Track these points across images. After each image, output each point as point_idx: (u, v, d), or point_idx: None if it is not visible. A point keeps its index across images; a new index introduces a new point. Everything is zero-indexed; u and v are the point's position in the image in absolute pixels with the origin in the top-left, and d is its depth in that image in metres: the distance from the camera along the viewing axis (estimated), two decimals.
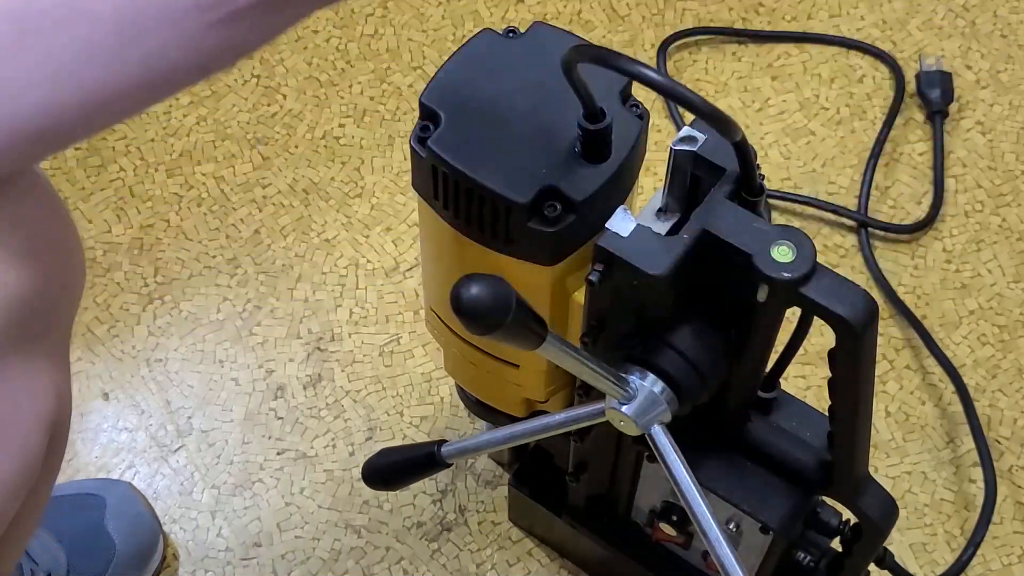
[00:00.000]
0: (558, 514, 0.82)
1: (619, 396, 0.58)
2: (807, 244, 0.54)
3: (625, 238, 0.56)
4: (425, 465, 0.69)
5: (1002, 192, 1.03)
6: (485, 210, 0.58)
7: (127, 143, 1.06)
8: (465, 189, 0.58)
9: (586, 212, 0.58)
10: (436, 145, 0.59)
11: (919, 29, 1.12)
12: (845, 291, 0.54)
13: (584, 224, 0.58)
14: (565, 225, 0.58)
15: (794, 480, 0.66)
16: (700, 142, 0.58)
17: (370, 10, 1.13)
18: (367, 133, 1.06)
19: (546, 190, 0.57)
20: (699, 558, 0.76)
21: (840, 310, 0.53)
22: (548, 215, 0.58)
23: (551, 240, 0.58)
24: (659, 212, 0.59)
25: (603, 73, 0.54)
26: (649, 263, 0.55)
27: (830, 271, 0.55)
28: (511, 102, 0.60)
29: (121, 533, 0.84)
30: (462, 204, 0.59)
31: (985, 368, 0.95)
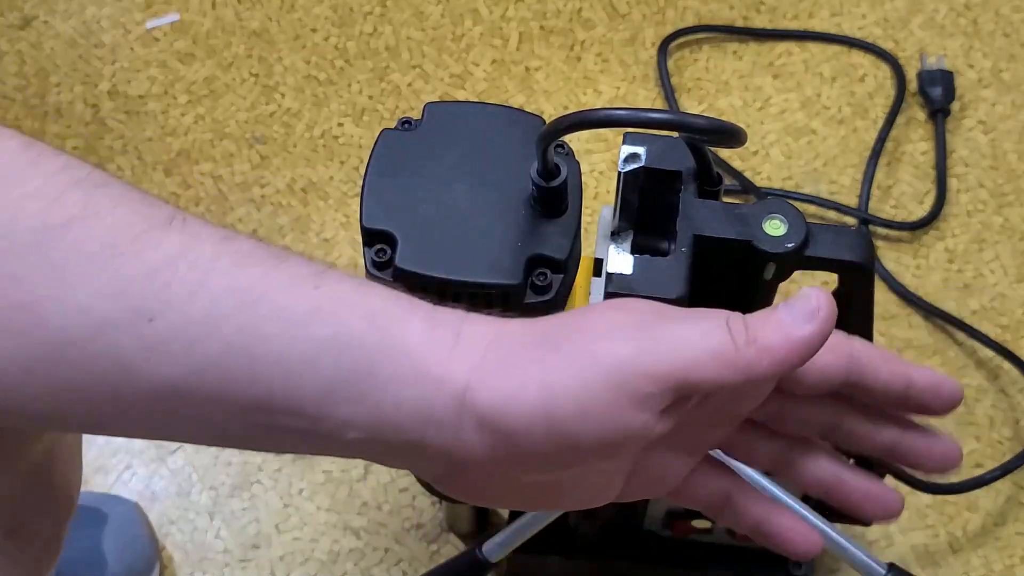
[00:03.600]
0: (569, 557, 0.81)
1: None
2: (792, 210, 0.56)
3: (632, 275, 0.56)
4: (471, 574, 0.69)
5: (1004, 192, 1.03)
6: (478, 307, 0.58)
7: (124, 142, 1.05)
8: (452, 295, 0.57)
9: (569, 266, 0.58)
10: (406, 264, 0.57)
11: (921, 28, 1.11)
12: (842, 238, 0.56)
13: (568, 278, 0.59)
14: (557, 287, 0.58)
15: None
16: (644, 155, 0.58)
17: (369, 8, 1.12)
18: (366, 132, 1.06)
19: (531, 260, 0.57)
20: (725, 535, 0.77)
21: (847, 256, 0.55)
22: (539, 284, 0.57)
23: (549, 307, 0.58)
24: (613, 235, 0.59)
25: (518, 123, 0.54)
26: (665, 289, 0.55)
27: (819, 225, 0.56)
28: (448, 191, 0.59)
29: (115, 554, 0.83)
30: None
31: (987, 368, 0.95)
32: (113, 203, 0.39)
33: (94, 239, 0.38)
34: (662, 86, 1.07)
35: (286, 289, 0.39)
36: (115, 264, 0.38)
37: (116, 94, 1.08)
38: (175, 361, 0.38)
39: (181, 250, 0.38)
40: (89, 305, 0.37)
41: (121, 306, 0.37)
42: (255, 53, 1.10)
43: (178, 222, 0.39)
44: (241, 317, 0.38)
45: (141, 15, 1.12)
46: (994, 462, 0.90)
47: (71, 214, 0.38)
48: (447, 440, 0.39)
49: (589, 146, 1.03)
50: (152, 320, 0.38)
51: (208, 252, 0.39)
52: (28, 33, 1.11)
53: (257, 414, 0.39)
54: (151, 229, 0.38)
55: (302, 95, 1.08)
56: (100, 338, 0.37)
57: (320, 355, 0.38)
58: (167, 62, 1.09)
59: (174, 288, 0.38)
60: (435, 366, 0.38)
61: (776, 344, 0.38)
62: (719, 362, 0.38)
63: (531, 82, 1.08)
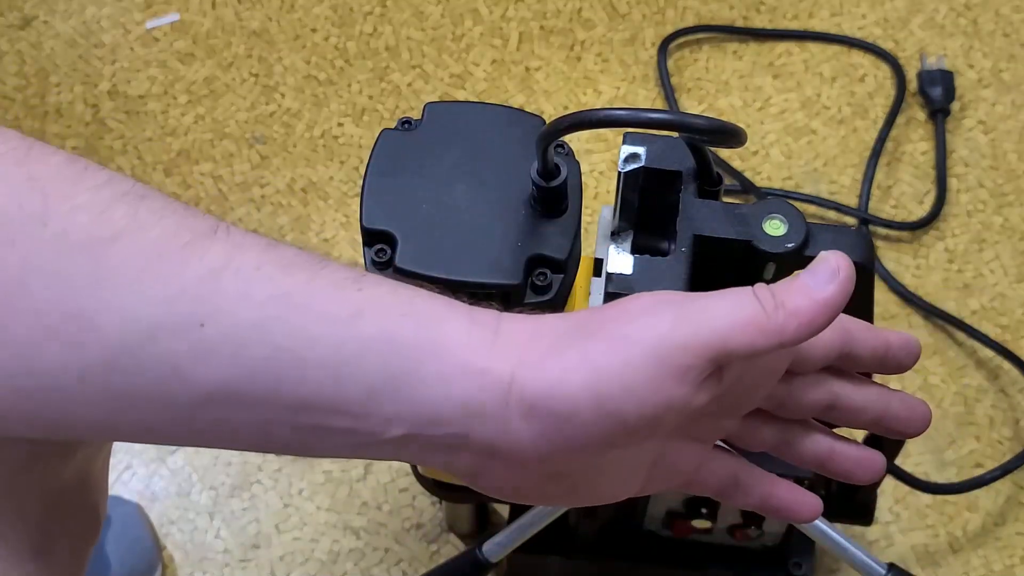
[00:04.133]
0: (569, 557, 0.81)
1: None
2: (792, 210, 0.56)
3: (632, 275, 0.56)
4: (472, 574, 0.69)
5: (1004, 192, 1.03)
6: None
7: (124, 142, 1.05)
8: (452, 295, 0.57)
9: (569, 266, 0.58)
10: (406, 264, 0.57)
11: (921, 28, 1.11)
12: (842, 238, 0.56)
13: (568, 279, 0.59)
14: (557, 287, 0.58)
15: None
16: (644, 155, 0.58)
17: (369, 8, 1.12)
18: (366, 132, 1.06)
19: (531, 260, 0.57)
20: (726, 535, 0.77)
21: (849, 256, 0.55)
22: (540, 284, 0.57)
23: (549, 307, 0.58)
24: (613, 235, 0.59)
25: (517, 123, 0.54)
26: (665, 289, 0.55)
27: (819, 225, 0.57)
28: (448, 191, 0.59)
29: (118, 556, 0.84)
30: None
31: (987, 368, 0.95)
32: (158, 215, 0.40)
33: (142, 250, 0.39)
34: (662, 86, 1.07)
35: (330, 293, 0.40)
36: (164, 273, 0.39)
37: (116, 94, 1.08)
38: (226, 365, 0.39)
39: (227, 259, 0.40)
40: (141, 313, 0.38)
41: (172, 313, 0.39)
42: (255, 53, 1.10)
43: (222, 232, 0.40)
44: (288, 321, 0.39)
45: (141, 15, 1.12)
46: (994, 462, 0.90)
47: (119, 227, 0.39)
48: (493, 433, 0.40)
49: (589, 146, 1.03)
50: (203, 326, 0.39)
51: (252, 260, 0.40)
52: (28, 33, 1.11)
53: (304, 414, 0.40)
54: (196, 239, 0.40)
55: (302, 95, 1.08)
56: (153, 344, 0.39)
57: (366, 354, 0.39)
58: (167, 62, 1.09)
59: (222, 295, 0.39)
60: (479, 360, 0.40)
61: (803, 307, 0.40)
62: (752, 328, 0.40)
63: (531, 82, 1.08)
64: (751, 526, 0.75)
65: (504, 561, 0.75)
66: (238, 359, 0.39)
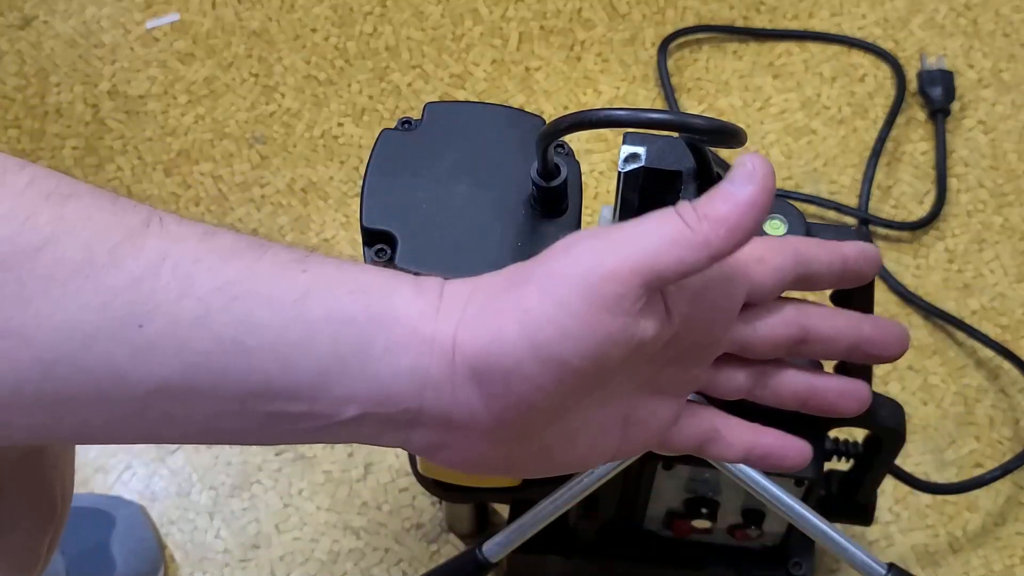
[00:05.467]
0: (569, 557, 0.81)
1: None
2: (793, 211, 0.56)
3: None
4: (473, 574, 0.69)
5: (1004, 192, 1.03)
6: None
7: (124, 142, 1.05)
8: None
9: None
10: (406, 264, 0.57)
11: (921, 28, 1.11)
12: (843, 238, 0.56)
13: None
14: None
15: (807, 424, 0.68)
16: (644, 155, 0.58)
17: (369, 8, 1.12)
18: (366, 132, 1.06)
19: None
20: (725, 535, 0.77)
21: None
22: None
23: None
24: None
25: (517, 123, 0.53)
26: None
27: (819, 225, 0.57)
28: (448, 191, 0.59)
29: (124, 555, 0.84)
30: None
31: (987, 368, 0.95)
32: (86, 215, 0.38)
33: (72, 256, 0.37)
34: (662, 86, 1.07)
35: (274, 277, 0.39)
36: (97, 278, 0.37)
37: (116, 94, 1.08)
38: (168, 362, 0.38)
39: (162, 254, 0.38)
40: (76, 321, 0.37)
41: (108, 317, 0.37)
42: (255, 53, 1.10)
43: (155, 226, 0.39)
44: (231, 310, 0.38)
45: (141, 15, 1.12)
46: (994, 462, 0.90)
47: (45, 234, 0.37)
48: (445, 402, 0.39)
49: (589, 146, 1.03)
50: (141, 327, 0.37)
51: (190, 253, 0.39)
52: (28, 33, 1.11)
53: (254, 403, 0.39)
54: (128, 237, 0.38)
55: (302, 95, 1.08)
56: (90, 350, 0.37)
57: (315, 336, 0.38)
58: (167, 62, 1.09)
59: (160, 293, 0.38)
60: (426, 327, 0.39)
61: (726, 212, 0.39)
62: (679, 246, 0.39)
63: (531, 82, 1.08)
64: (751, 526, 0.75)
65: (504, 561, 0.74)
66: (181, 355, 0.38)
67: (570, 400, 0.40)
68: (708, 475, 0.71)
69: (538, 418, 0.40)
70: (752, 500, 0.71)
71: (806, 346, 0.45)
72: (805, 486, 0.69)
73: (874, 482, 0.76)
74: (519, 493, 0.75)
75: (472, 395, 0.39)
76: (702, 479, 0.71)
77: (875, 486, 0.77)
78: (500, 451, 0.42)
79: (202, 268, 0.38)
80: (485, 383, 0.39)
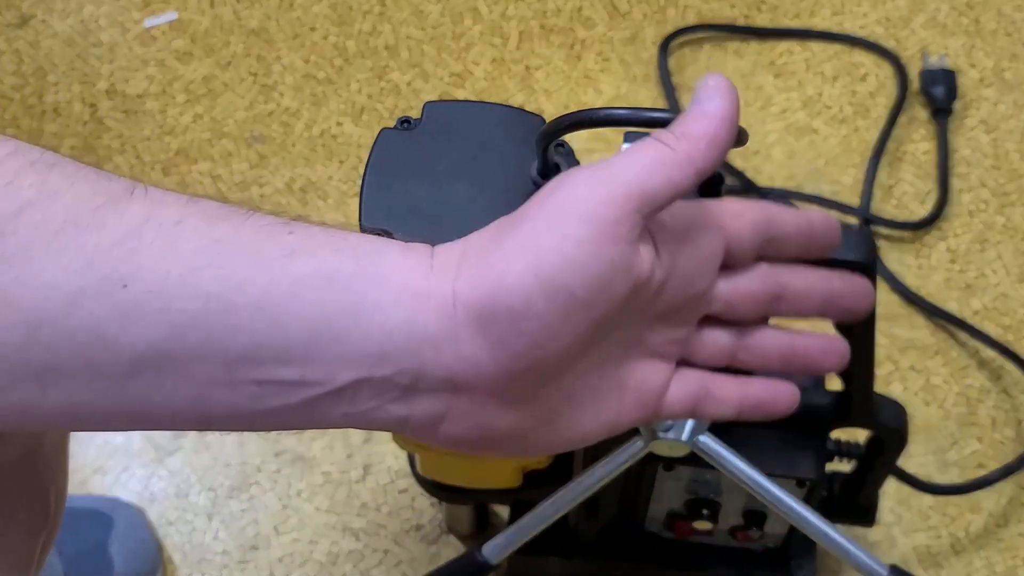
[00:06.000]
0: (570, 558, 0.80)
1: (659, 426, 0.59)
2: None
3: None
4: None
5: (1006, 191, 1.03)
6: None
7: (123, 141, 1.05)
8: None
9: None
10: None
11: (923, 27, 1.11)
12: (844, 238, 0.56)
13: None
14: None
15: (809, 425, 0.68)
16: None
17: (368, 7, 1.12)
18: (365, 131, 1.05)
19: None
20: (727, 537, 0.77)
21: (849, 256, 0.55)
22: None
23: None
24: None
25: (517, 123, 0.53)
26: None
27: None
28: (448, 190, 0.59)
29: (122, 557, 0.84)
30: None
31: (990, 369, 0.94)
32: (69, 181, 0.38)
33: (55, 218, 0.37)
34: (663, 85, 1.07)
35: (259, 238, 0.39)
36: (80, 238, 0.37)
37: (114, 93, 1.07)
38: (153, 323, 0.37)
39: (146, 216, 0.38)
40: (59, 281, 0.37)
41: (92, 277, 0.37)
42: (254, 52, 1.09)
43: (139, 192, 0.39)
44: (217, 269, 0.38)
45: (139, 14, 1.11)
46: (996, 463, 0.90)
47: (27, 197, 0.37)
48: (447, 359, 0.38)
49: (589, 146, 1.03)
50: (126, 286, 0.37)
51: (174, 215, 0.38)
52: (26, 32, 1.11)
53: (244, 368, 0.38)
54: (112, 201, 0.38)
55: (301, 94, 1.07)
56: (74, 312, 0.37)
57: (302, 293, 0.38)
58: (165, 61, 1.09)
59: (144, 252, 0.37)
60: (418, 283, 0.39)
61: (702, 127, 0.41)
62: (665, 166, 0.40)
63: (531, 81, 1.08)
64: (752, 527, 0.74)
65: (504, 562, 0.74)
66: (166, 315, 0.37)
67: (577, 342, 0.40)
68: (709, 476, 0.70)
69: (545, 365, 0.40)
70: (753, 501, 0.71)
71: (783, 303, 0.46)
72: (807, 487, 0.69)
73: (876, 483, 0.76)
74: (519, 494, 0.75)
75: (477, 347, 0.38)
76: (703, 480, 0.71)
77: (877, 487, 0.76)
78: (505, 418, 0.41)
79: (186, 228, 0.38)
80: (491, 329, 0.38)
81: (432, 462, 0.74)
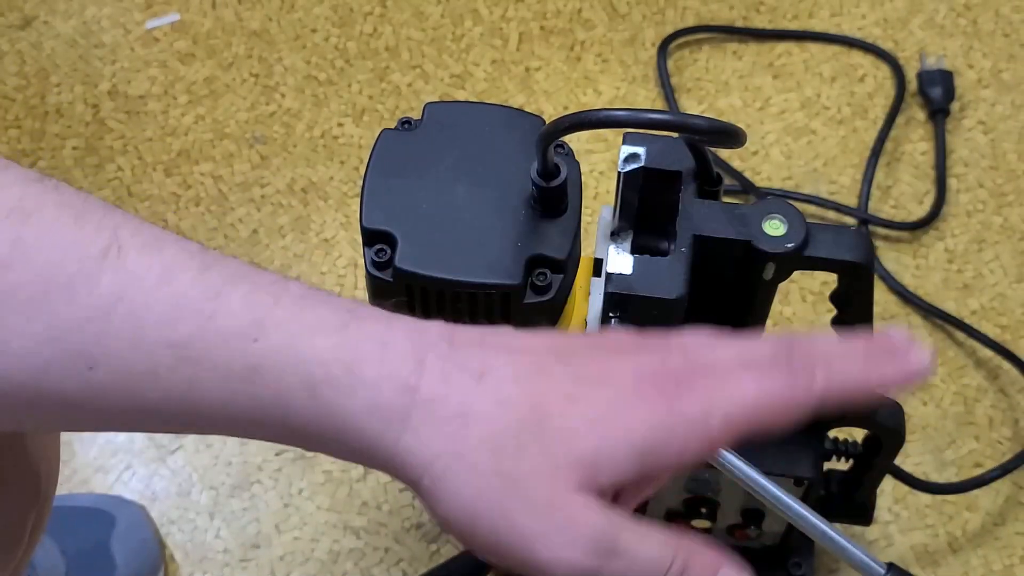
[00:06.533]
0: None
1: None
2: (792, 210, 0.56)
3: (631, 275, 0.56)
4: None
5: (1004, 192, 1.03)
6: (478, 307, 0.58)
7: (124, 142, 1.05)
8: (451, 295, 0.57)
9: (569, 266, 0.58)
10: (405, 264, 0.57)
11: (921, 28, 1.11)
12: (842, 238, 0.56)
13: (568, 279, 0.59)
14: (557, 287, 0.58)
15: (808, 424, 0.68)
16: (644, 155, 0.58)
17: (369, 8, 1.12)
18: (366, 132, 1.06)
19: (531, 260, 0.57)
20: (725, 535, 0.77)
21: (847, 256, 0.55)
22: (540, 284, 0.57)
23: (548, 307, 0.58)
24: (613, 235, 0.59)
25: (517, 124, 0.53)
26: (664, 289, 0.55)
27: (818, 225, 0.57)
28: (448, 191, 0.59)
29: (124, 556, 0.84)
30: (449, 310, 0.58)
31: (987, 368, 0.95)
32: (42, 240, 0.38)
33: (26, 284, 0.37)
34: (662, 86, 1.07)
35: (224, 344, 0.38)
36: (51, 310, 0.37)
37: (116, 94, 1.08)
38: (117, 407, 0.38)
39: (117, 295, 0.38)
40: (29, 350, 0.37)
41: (60, 352, 0.37)
42: (255, 53, 1.10)
43: (112, 257, 0.38)
44: (180, 372, 0.38)
45: (141, 15, 1.12)
46: (994, 462, 0.90)
47: (1, 257, 0.37)
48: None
49: (589, 146, 1.03)
50: (92, 368, 0.38)
51: (141, 300, 0.38)
52: (28, 33, 1.11)
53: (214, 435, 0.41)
54: (82, 270, 0.38)
55: (302, 95, 1.08)
56: (43, 382, 0.38)
57: (264, 415, 0.39)
58: (167, 62, 1.09)
59: (111, 339, 0.38)
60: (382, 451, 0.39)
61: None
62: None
63: (531, 82, 1.08)
64: (750, 526, 0.75)
65: None
66: (130, 403, 0.38)
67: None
68: (707, 475, 0.71)
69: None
70: (751, 500, 0.71)
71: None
72: (805, 486, 0.69)
73: (873, 482, 0.76)
74: None
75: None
76: (701, 479, 0.71)
77: (874, 486, 0.77)
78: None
79: (153, 317, 0.38)
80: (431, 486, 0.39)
81: None
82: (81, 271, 0.38)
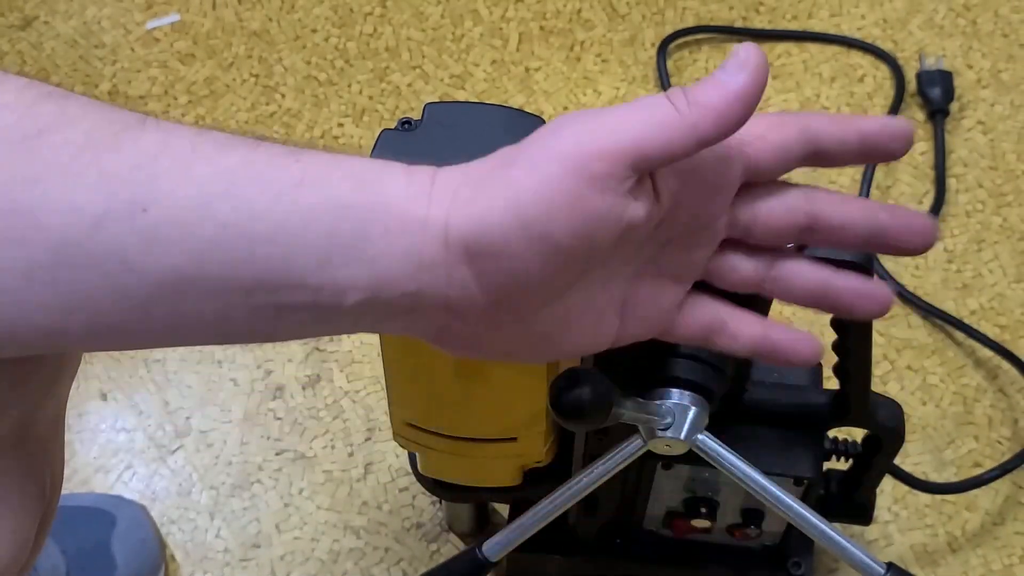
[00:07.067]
0: (569, 556, 0.81)
1: (658, 424, 0.59)
2: None
3: None
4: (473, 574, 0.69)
5: (1003, 192, 1.03)
6: None
7: None
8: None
9: None
10: None
11: (920, 28, 1.11)
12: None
13: None
14: None
15: (808, 424, 0.68)
16: None
17: (369, 9, 1.12)
18: (366, 132, 1.06)
19: None
20: (725, 535, 0.77)
21: (846, 256, 0.55)
22: None
23: None
24: None
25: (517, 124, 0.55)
26: None
27: None
28: None
29: (124, 556, 0.84)
30: None
31: (986, 368, 0.95)
32: (85, 110, 0.39)
33: (75, 141, 0.38)
34: (662, 87, 1.07)
35: (269, 166, 0.40)
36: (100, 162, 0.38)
37: (117, 94, 1.08)
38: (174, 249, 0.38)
39: (161, 144, 0.39)
40: (83, 202, 0.38)
41: (114, 200, 0.38)
42: (255, 53, 1.10)
43: (152, 122, 0.40)
44: (231, 197, 0.39)
45: (141, 15, 1.12)
46: (993, 462, 0.90)
47: (47, 121, 0.38)
48: (441, 284, 0.40)
49: None
50: (146, 210, 0.38)
51: (187, 143, 0.40)
52: (29, 33, 1.11)
53: (260, 294, 0.39)
54: (127, 128, 0.39)
55: (302, 95, 1.08)
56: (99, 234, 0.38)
57: (312, 222, 0.39)
58: (167, 62, 1.09)
59: (162, 178, 0.38)
60: (419, 210, 0.40)
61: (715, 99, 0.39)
62: (666, 128, 0.39)
63: (531, 82, 1.08)
64: (750, 525, 0.75)
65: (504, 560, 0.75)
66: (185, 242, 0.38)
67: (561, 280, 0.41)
68: (707, 474, 0.71)
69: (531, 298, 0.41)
70: (751, 500, 0.71)
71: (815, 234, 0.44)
72: (804, 486, 0.69)
73: (873, 482, 0.76)
74: (519, 493, 0.76)
75: (466, 276, 0.40)
76: (701, 478, 0.72)
77: (874, 486, 0.77)
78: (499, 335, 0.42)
79: (199, 156, 0.39)
80: (476, 262, 0.39)
81: (433, 461, 0.75)
82: (126, 130, 0.39)
